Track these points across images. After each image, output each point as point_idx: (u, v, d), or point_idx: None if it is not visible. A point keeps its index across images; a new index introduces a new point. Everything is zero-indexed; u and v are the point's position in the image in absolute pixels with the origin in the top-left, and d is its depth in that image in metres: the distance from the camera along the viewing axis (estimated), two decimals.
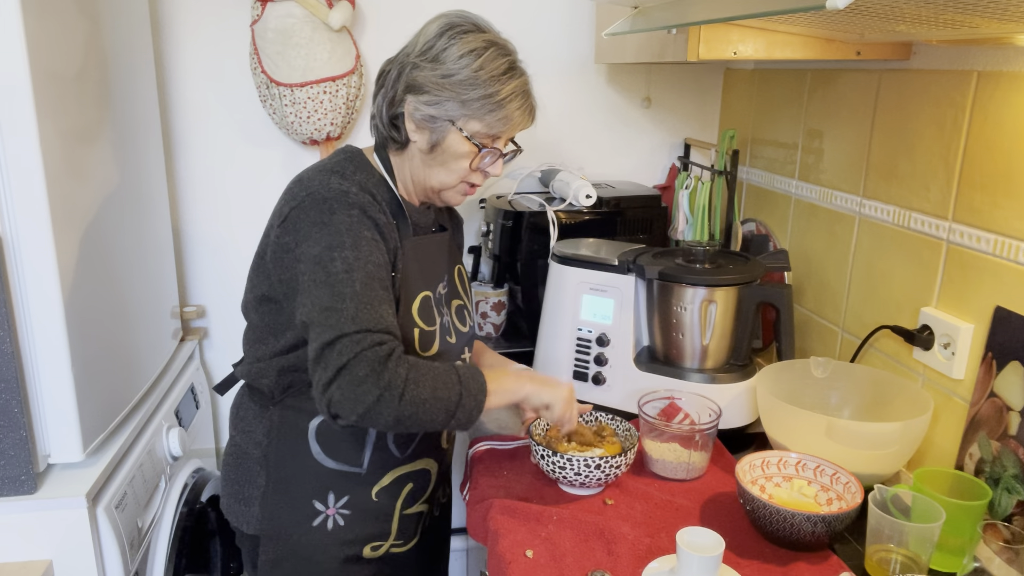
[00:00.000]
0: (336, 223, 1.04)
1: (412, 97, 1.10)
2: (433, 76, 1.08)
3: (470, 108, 1.09)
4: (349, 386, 0.97)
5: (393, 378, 0.97)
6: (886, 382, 1.28)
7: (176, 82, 1.79)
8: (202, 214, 1.87)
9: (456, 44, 1.08)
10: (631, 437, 1.24)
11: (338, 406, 0.98)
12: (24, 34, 1.06)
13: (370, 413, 0.97)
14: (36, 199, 1.11)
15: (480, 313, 1.77)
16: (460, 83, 1.07)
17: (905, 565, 0.98)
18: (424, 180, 1.16)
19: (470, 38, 1.09)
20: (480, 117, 1.09)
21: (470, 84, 1.07)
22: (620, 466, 1.17)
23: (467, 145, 1.11)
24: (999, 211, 1.09)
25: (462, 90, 1.08)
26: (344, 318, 0.99)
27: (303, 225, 1.05)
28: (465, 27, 1.10)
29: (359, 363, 0.97)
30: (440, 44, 1.09)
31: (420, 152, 1.14)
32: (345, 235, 1.03)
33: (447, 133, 1.10)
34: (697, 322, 1.37)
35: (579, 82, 1.93)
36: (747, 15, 0.97)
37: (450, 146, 1.11)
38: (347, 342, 0.98)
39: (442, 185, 1.16)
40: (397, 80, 1.12)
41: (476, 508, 1.19)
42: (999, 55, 1.10)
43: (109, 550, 1.22)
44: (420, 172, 1.16)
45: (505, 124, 1.11)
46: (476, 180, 1.16)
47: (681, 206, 1.77)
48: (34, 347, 1.16)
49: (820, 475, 1.14)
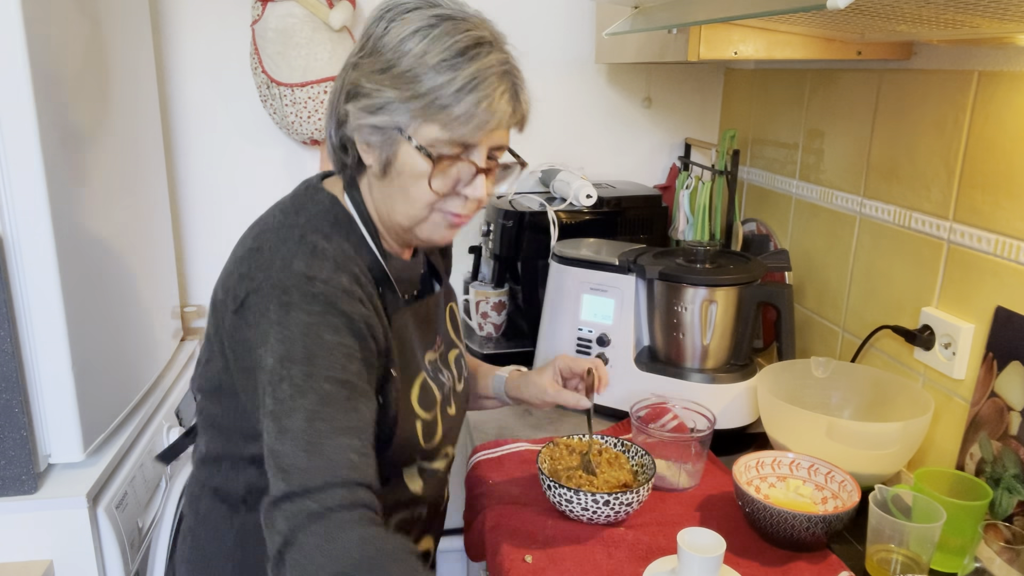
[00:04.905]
0: (291, 324, 0.81)
1: (352, 105, 0.86)
2: (371, 72, 0.84)
3: (417, 107, 0.82)
4: (298, 564, 0.73)
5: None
6: (887, 382, 1.28)
7: (176, 82, 1.79)
8: (202, 214, 1.87)
9: (396, 25, 0.84)
10: (646, 470, 1.15)
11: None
12: (24, 34, 1.06)
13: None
14: (36, 199, 1.11)
15: (480, 313, 1.77)
16: (402, 75, 0.82)
17: (906, 565, 0.98)
18: (389, 216, 0.92)
19: (415, 15, 0.84)
20: (432, 117, 0.83)
21: (413, 75, 0.82)
22: (632, 503, 1.08)
23: (421, 159, 0.85)
24: (1000, 211, 1.09)
25: (405, 84, 0.82)
26: (289, 468, 0.76)
27: (261, 321, 0.83)
28: (410, 3, 0.85)
29: (305, 535, 0.74)
30: (379, 29, 0.85)
31: (375, 179, 0.90)
32: (299, 342, 0.80)
33: (398, 146, 0.85)
34: (698, 322, 1.37)
35: (579, 82, 1.92)
36: (748, 15, 0.97)
37: (404, 164, 0.86)
38: (288, 508, 0.75)
39: (410, 219, 0.90)
40: (339, 89, 0.88)
41: (472, 525, 1.18)
42: (1000, 55, 1.09)
43: (109, 550, 1.22)
44: (383, 204, 0.91)
45: (468, 123, 0.83)
46: (454, 208, 0.90)
47: (682, 206, 1.77)
48: (34, 347, 1.16)
49: (815, 474, 1.14)
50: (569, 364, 1.17)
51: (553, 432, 1.41)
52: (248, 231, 0.93)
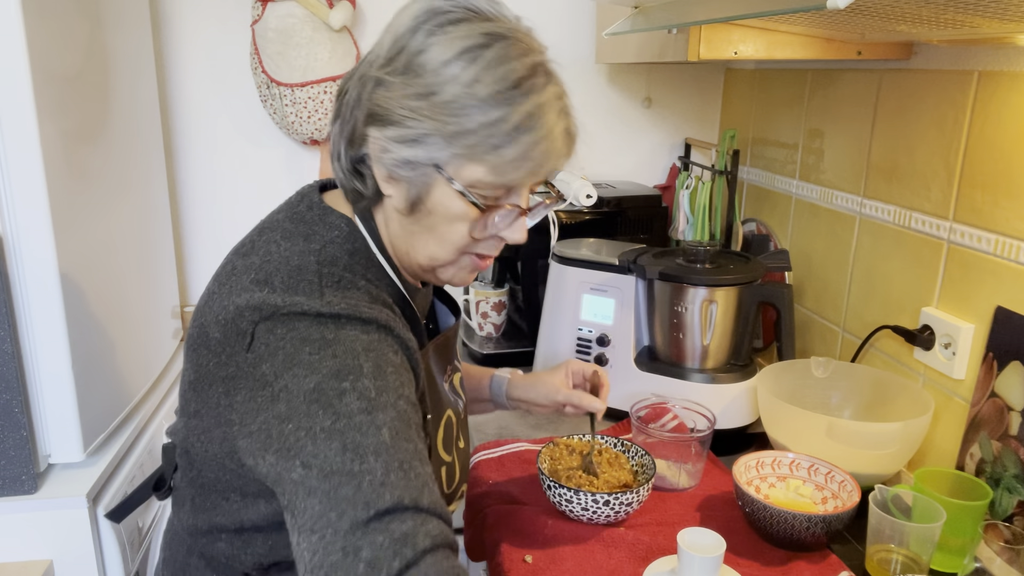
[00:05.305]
0: (344, 340, 0.69)
1: (377, 131, 0.74)
2: (404, 96, 0.71)
3: (461, 145, 0.71)
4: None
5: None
6: (887, 382, 1.28)
7: (176, 82, 1.79)
8: (202, 214, 1.87)
9: (439, 41, 0.71)
10: (646, 470, 1.15)
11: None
12: (24, 34, 1.06)
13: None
14: (36, 199, 1.11)
15: (480, 313, 1.77)
16: (445, 106, 0.70)
17: (906, 565, 0.98)
18: (408, 252, 0.81)
19: (461, 29, 0.71)
20: (480, 157, 0.71)
21: (459, 107, 0.70)
22: (632, 503, 1.08)
23: (461, 203, 0.74)
24: (1000, 211, 1.09)
25: (449, 116, 0.70)
26: (384, 484, 0.63)
27: (285, 345, 0.70)
28: (454, 13, 0.72)
29: (431, 561, 0.61)
30: (415, 43, 0.71)
31: (397, 212, 0.78)
32: (359, 357, 0.69)
33: (432, 184, 0.74)
34: (698, 322, 1.37)
35: (579, 82, 1.92)
36: (748, 15, 0.97)
37: (438, 204, 0.75)
38: (397, 526, 0.62)
39: (433, 261, 0.80)
40: (356, 105, 0.75)
41: (472, 525, 1.18)
42: (1000, 55, 1.09)
43: (109, 550, 1.22)
44: (402, 241, 0.80)
45: (522, 167, 0.72)
46: (486, 249, 0.80)
47: (682, 206, 1.77)
48: (34, 347, 1.16)
49: (815, 474, 1.14)
50: (579, 368, 1.17)
51: (553, 432, 1.41)
52: (240, 257, 0.80)
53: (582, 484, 1.11)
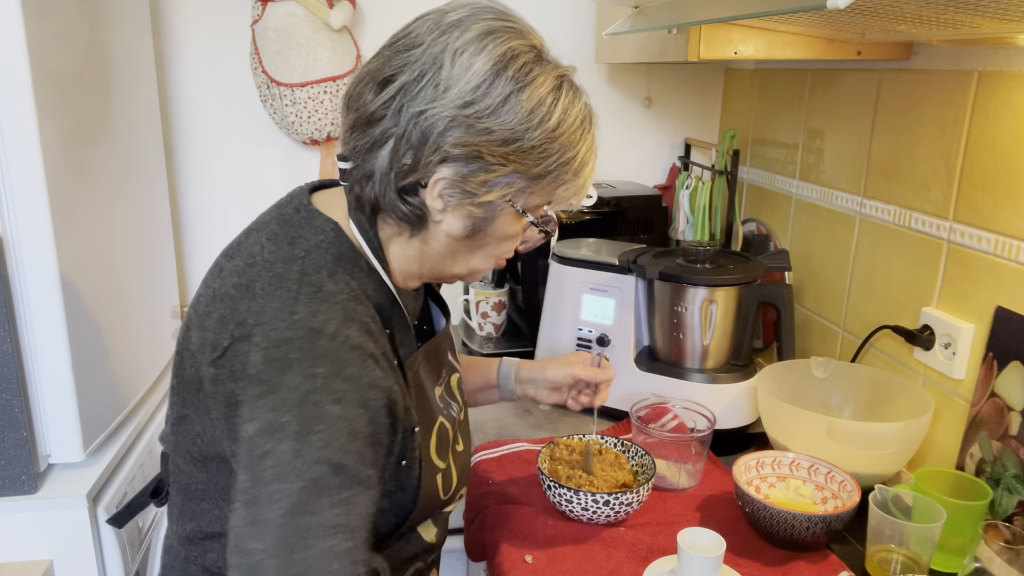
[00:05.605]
0: (286, 388, 0.69)
1: (449, 169, 0.74)
2: (490, 142, 0.73)
3: (540, 182, 0.76)
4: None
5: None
6: (887, 382, 1.28)
7: (176, 82, 1.79)
8: (202, 214, 1.87)
9: (524, 90, 0.73)
10: (646, 470, 1.15)
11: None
12: (24, 34, 1.06)
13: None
14: (36, 199, 1.11)
15: (480, 313, 1.77)
16: (532, 150, 0.74)
17: (906, 565, 0.98)
18: (444, 268, 0.83)
19: (539, 76, 0.74)
20: (547, 190, 0.78)
21: (544, 151, 0.74)
22: (632, 503, 1.09)
23: (520, 224, 0.80)
24: (1000, 211, 1.09)
25: (534, 161, 0.74)
26: (257, 573, 0.66)
27: (248, 377, 0.71)
28: (526, 55, 0.74)
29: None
30: (497, 90, 0.72)
31: (447, 236, 0.79)
32: (292, 411, 0.68)
33: (499, 214, 0.78)
34: (698, 322, 1.37)
35: (580, 82, 1.92)
36: (748, 15, 0.97)
37: (498, 228, 0.79)
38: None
39: (472, 271, 0.84)
40: (422, 143, 0.73)
41: (472, 525, 1.18)
42: (1000, 55, 1.10)
43: (109, 550, 1.22)
44: (438, 260, 0.82)
45: (579, 194, 0.80)
46: (509, 252, 0.86)
47: (682, 206, 1.77)
48: (34, 347, 1.16)
49: (815, 474, 1.14)
50: (587, 357, 1.17)
51: (553, 432, 1.41)
52: (227, 259, 0.82)
53: (582, 484, 1.11)
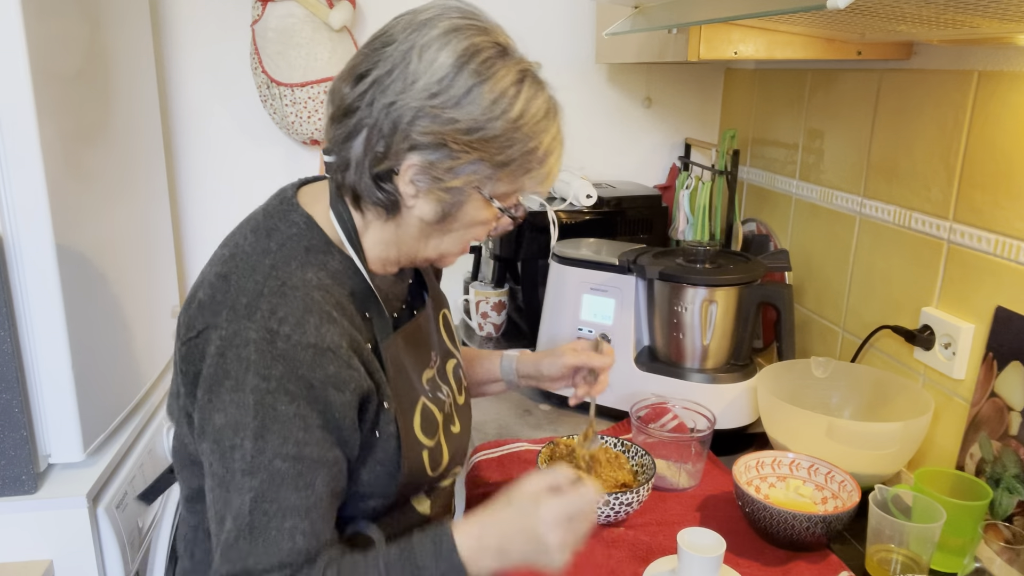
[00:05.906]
0: (246, 388, 0.77)
1: (418, 156, 0.80)
2: (456, 131, 0.78)
3: (505, 170, 0.82)
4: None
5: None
6: (887, 382, 1.28)
7: (176, 82, 1.79)
8: (202, 214, 1.87)
9: (486, 83, 0.78)
10: (646, 470, 1.16)
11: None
12: (24, 34, 1.06)
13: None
14: (36, 199, 1.11)
15: (480, 313, 1.77)
16: (495, 139, 0.79)
17: (906, 565, 0.98)
18: (416, 251, 0.89)
19: (501, 69, 0.79)
20: (513, 178, 0.83)
21: (507, 140, 0.80)
22: (632, 503, 1.09)
23: (490, 211, 0.86)
24: (1000, 211, 1.09)
25: (497, 149, 0.80)
26: (230, 548, 0.76)
27: (216, 368, 0.78)
28: (489, 51, 0.79)
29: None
30: (461, 83, 0.78)
31: (419, 221, 0.85)
32: (251, 411, 0.76)
33: (467, 200, 0.84)
34: (698, 322, 1.37)
35: (580, 82, 1.92)
36: (748, 15, 0.97)
37: (467, 213, 0.85)
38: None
39: (442, 254, 0.90)
40: (392, 131, 0.79)
41: None
42: (1000, 55, 1.10)
43: (109, 550, 1.22)
44: (412, 243, 0.88)
45: (545, 181, 0.85)
46: (481, 236, 0.91)
47: (682, 206, 1.77)
48: (34, 347, 1.16)
49: (815, 474, 1.14)
50: (583, 343, 1.17)
51: (553, 432, 1.41)
52: (220, 247, 0.90)
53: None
